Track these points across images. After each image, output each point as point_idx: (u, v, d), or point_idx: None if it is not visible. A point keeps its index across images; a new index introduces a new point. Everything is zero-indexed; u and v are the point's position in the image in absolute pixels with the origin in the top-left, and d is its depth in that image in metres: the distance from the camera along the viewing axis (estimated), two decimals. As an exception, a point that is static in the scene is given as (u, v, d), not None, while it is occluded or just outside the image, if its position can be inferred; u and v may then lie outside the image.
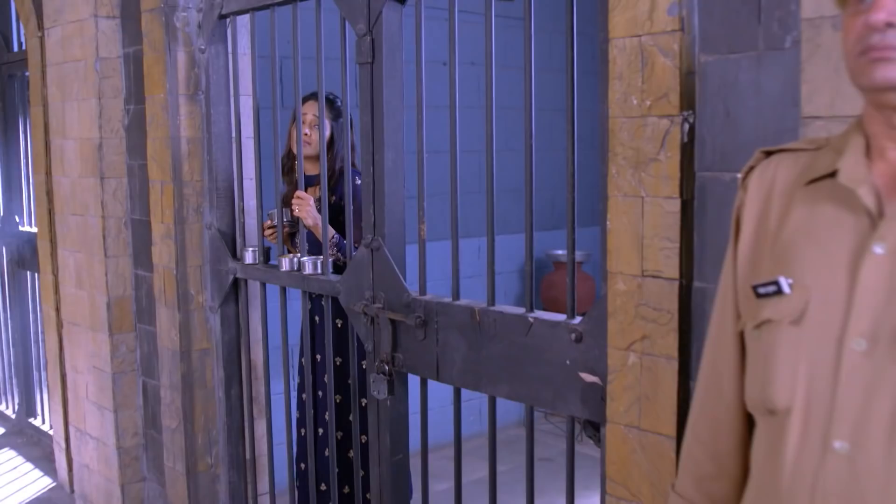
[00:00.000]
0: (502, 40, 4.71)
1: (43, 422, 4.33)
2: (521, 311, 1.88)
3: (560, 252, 4.45)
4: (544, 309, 5.13)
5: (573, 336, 1.74)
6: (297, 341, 3.19)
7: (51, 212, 3.39)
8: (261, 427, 2.87)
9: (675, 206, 1.47)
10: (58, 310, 3.44)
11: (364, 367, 2.82)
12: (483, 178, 4.64)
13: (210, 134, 2.74)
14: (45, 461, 4.05)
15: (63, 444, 3.54)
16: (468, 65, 4.33)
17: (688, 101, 1.46)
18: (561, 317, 1.81)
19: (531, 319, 1.83)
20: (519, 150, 4.56)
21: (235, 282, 2.76)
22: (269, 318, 2.75)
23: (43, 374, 4.15)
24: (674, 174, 1.47)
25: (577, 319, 1.76)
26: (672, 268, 1.48)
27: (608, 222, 1.58)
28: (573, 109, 1.76)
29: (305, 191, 3.01)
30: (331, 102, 2.88)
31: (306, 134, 2.87)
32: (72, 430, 3.43)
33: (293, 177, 2.96)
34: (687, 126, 1.45)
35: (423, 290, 2.11)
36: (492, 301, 1.95)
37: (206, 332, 2.83)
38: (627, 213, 1.54)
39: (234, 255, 2.76)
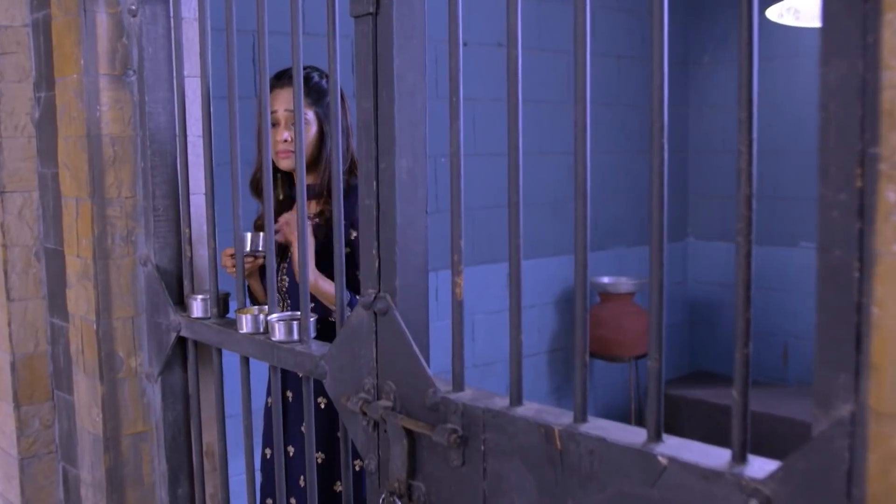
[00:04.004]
0: (534, 15, 3.90)
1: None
2: (639, 436, 1.07)
3: (607, 280, 3.62)
4: (589, 352, 4.22)
5: (754, 503, 0.93)
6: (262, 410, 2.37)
7: (-49, 235, 2.57)
8: (220, 538, 2.06)
9: None
10: (-39, 363, 2.62)
11: (360, 468, 2.01)
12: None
13: (145, 131, 1.93)
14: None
15: (-27, 535, 2.72)
16: (493, 46, 3.50)
17: None
18: (720, 455, 1.00)
19: (663, 460, 1.02)
20: (553, 153, 3.74)
21: (182, 340, 1.95)
22: (229, 383, 1.95)
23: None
24: None
25: (760, 468, 0.96)
26: None
27: (873, 308, 0.76)
28: (750, 91, 0.96)
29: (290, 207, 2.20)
30: (306, 81, 2.08)
31: (286, 140, 2.06)
32: (-23, 523, 2.61)
33: (276, 192, 2.17)
34: None
35: (458, 384, 1.30)
36: (582, 413, 1.14)
37: (142, 409, 2.02)
38: (927, 291, 0.73)
39: (182, 301, 1.95)
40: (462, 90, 1.26)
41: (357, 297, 1.92)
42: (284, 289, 2.19)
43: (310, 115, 2.08)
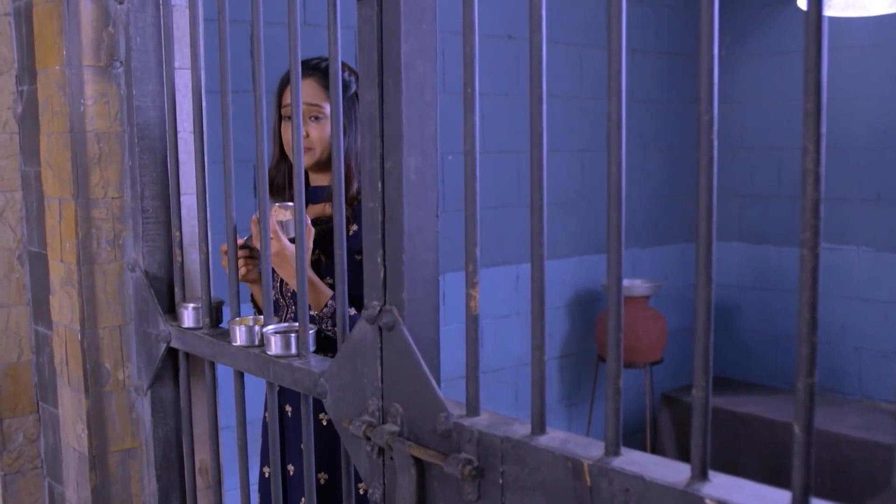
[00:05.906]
0: (544, 5, 3.76)
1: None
2: (681, 473, 0.94)
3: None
4: (600, 357, 4.02)
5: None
6: (258, 427, 2.24)
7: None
8: (214, 561, 1.94)
9: None
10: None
11: (365, 491, 1.88)
12: (522, 186, 3.69)
13: (133, 127, 1.80)
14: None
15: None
16: (502, 38, 3.37)
17: None
18: (778, 499, 0.87)
19: (711, 503, 0.89)
20: (564, 150, 3.59)
21: (173, 351, 1.82)
22: (224, 391, 1.83)
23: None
24: None
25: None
26: None
27: None
28: (819, 77, 0.83)
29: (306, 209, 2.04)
30: (327, 72, 1.92)
31: (305, 136, 1.90)
32: (-40, 540, 2.49)
33: (290, 190, 2.01)
34: None
35: (473, 408, 1.17)
36: (615, 446, 1.01)
37: (131, 424, 1.89)
38: None
39: (173, 310, 1.82)
40: (478, 80, 1.13)
41: (354, 309, 1.78)
42: (290, 294, 2.03)
43: (328, 109, 1.91)
